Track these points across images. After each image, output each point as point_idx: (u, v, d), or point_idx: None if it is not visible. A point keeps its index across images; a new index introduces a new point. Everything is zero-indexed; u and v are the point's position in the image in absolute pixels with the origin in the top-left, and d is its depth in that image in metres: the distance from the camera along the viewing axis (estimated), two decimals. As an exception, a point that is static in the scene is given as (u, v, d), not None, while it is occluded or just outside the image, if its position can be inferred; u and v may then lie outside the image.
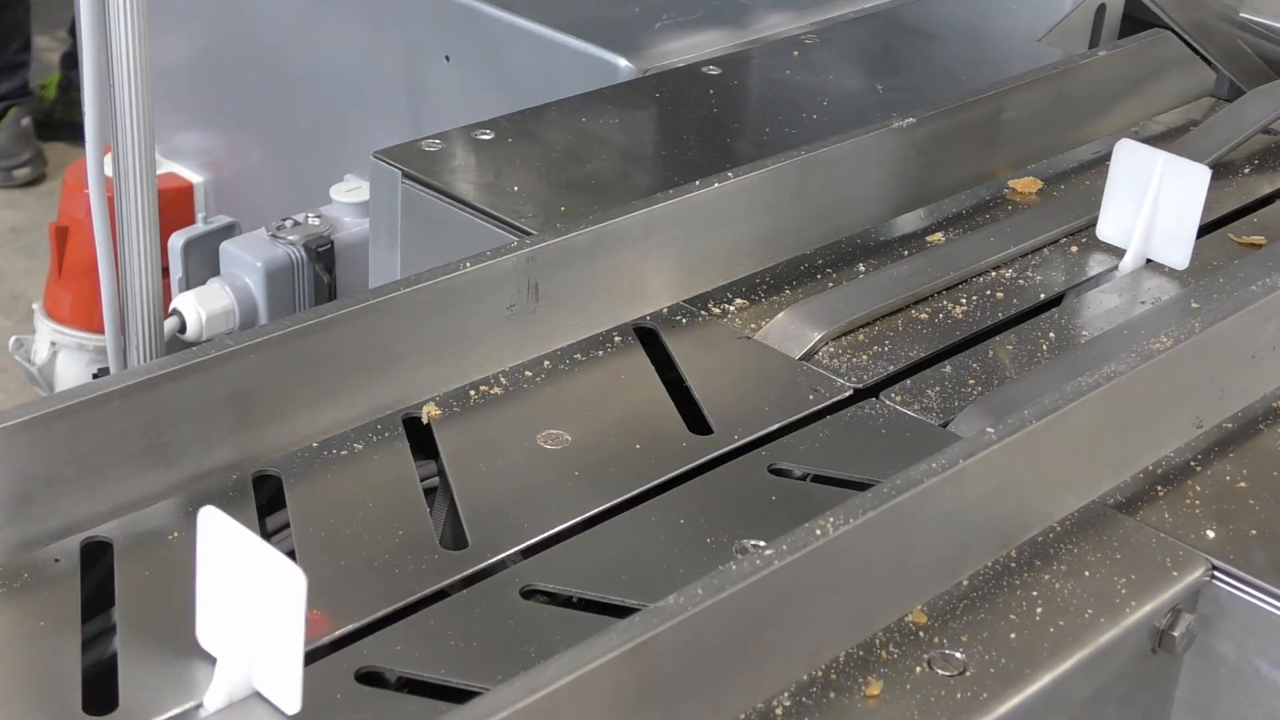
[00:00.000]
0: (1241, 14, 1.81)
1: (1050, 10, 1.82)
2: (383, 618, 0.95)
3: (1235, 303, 1.13)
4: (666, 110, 1.59)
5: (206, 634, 0.90)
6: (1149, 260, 1.38)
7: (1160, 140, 1.64)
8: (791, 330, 1.24)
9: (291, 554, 1.00)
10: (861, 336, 1.26)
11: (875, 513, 0.90)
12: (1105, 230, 1.39)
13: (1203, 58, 1.76)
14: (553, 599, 0.98)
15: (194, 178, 2.26)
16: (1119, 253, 1.39)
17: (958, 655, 0.92)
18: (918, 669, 0.91)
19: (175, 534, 1.01)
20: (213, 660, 0.89)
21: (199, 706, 0.88)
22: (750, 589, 0.84)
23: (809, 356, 1.23)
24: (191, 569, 0.89)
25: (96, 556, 0.99)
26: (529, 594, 0.97)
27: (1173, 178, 1.33)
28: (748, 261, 1.33)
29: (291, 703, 0.86)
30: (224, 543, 0.87)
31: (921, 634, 0.94)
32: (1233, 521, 1.05)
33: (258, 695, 0.88)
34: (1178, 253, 1.35)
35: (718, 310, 1.28)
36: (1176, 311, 1.29)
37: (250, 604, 0.85)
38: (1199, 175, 1.31)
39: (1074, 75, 1.63)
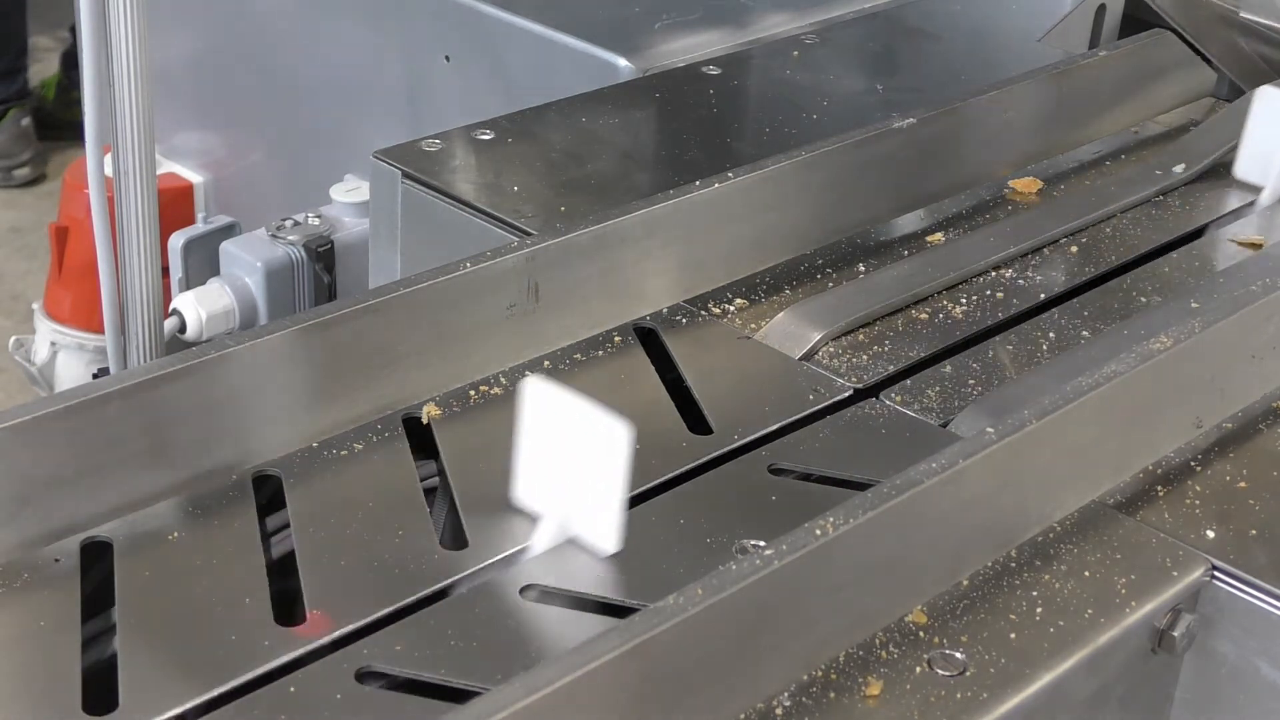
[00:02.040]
0: (1241, 14, 1.81)
1: (1050, 10, 1.82)
2: (383, 618, 0.95)
3: (1235, 303, 1.13)
4: (666, 110, 1.59)
5: (526, 492, 1.03)
6: None
7: (1160, 141, 1.65)
8: (791, 330, 1.24)
9: (291, 555, 1.00)
10: (861, 336, 1.26)
11: (875, 513, 0.90)
12: (1243, 169, 1.54)
13: (1203, 58, 1.76)
14: (552, 599, 0.98)
15: (194, 178, 2.26)
16: (1255, 190, 1.52)
17: (958, 655, 0.92)
18: (918, 669, 0.91)
19: (175, 534, 1.01)
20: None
21: (524, 549, 1.01)
22: (750, 589, 0.84)
23: (809, 356, 1.23)
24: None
25: (96, 556, 0.99)
26: (529, 594, 0.97)
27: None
28: (748, 261, 1.33)
29: (610, 544, 1.00)
30: (546, 409, 1.01)
31: (921, 634, 0.94)
32: (1233, 521, 1.05)
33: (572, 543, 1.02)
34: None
35: (718, 310, 1.28)
36: (1177, 311, 1.29)
37: (572, 460, 1.00)
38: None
39: (1074, 75, 1.63)
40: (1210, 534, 1.04)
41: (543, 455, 1.03)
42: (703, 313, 1.28)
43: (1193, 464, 1.11)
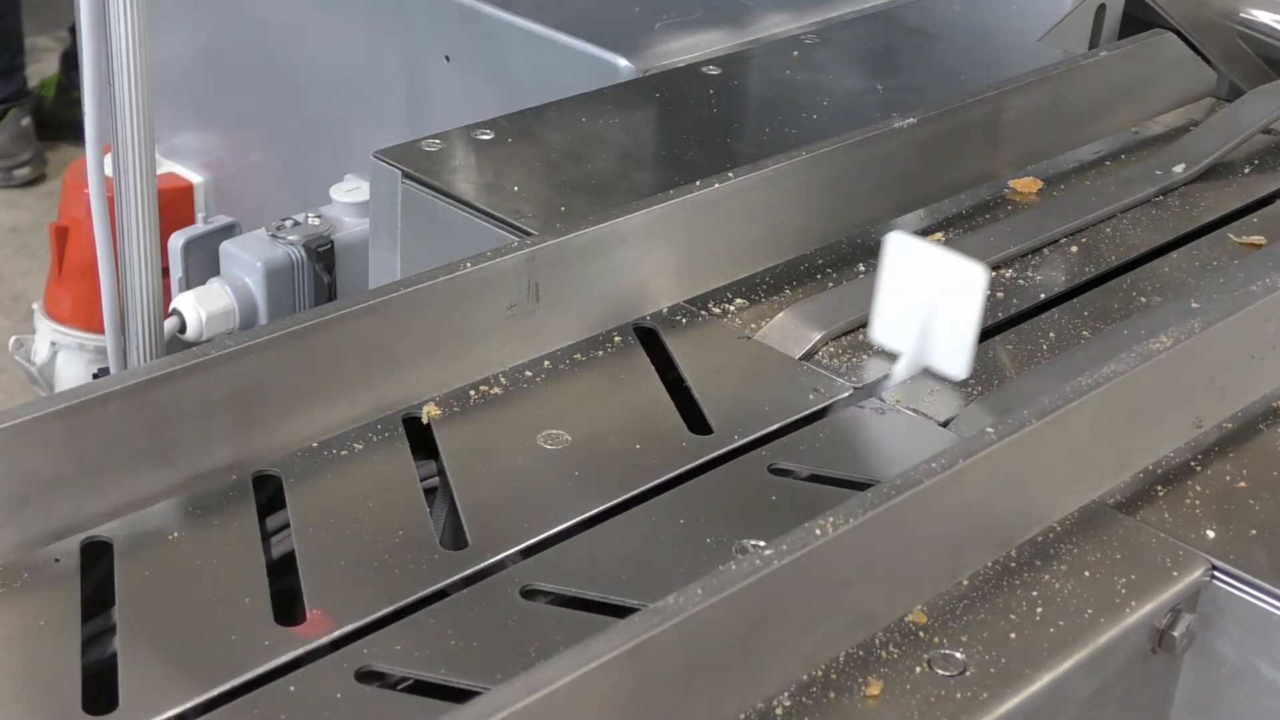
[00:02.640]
0: (1241, 14, 1.81)
1: (1050, 10, 1.82)
2: (383, 618, 0.95)
3: (1235, 303, 1.13)
4: (666, 110, 1.59)
5: (884, 331, 1.17)
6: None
7: (1160, 141, 1.65)
8: (791, 330, 1.24)
9: (291, 555, 1.00)
10: (861, 336, 1.26)
11: (875, 513, 0.90)
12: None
13: (1203, 58, 1.76)
14: (553, 599, 0.98)
15: (194, 178, 2.26)
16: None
17: (958, 655, 0.92)
18: (918, 669, 0.91)
19: (175, 534, 1.01)
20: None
21: (885, 378, 1.17)
22: (750, 589, 0.84)
23: (809, 356, 1.23)
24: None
25: (96, 556, 0.99)
26: (529, 594, 0.97)
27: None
28: (748, 261, 1.33)
29: (961, 370, 1.13)
30: (910, 255, 1.14)
31: (921, 634, 0.94)
32: (1233, 521, 1.05)
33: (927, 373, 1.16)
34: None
35: (718, 310, 1.28)
36: (1177, 311, 1.29)
37: (933, 298, 1.12)
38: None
39: (1074, 75, 1.63)
40: (1210, 534, 1.04)
41: (901, 297, 1.15)
42: (703, 313, 1.28)
43: (1193, 464, 1.11)
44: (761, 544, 1.00)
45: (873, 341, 1.20)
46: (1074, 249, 1.42)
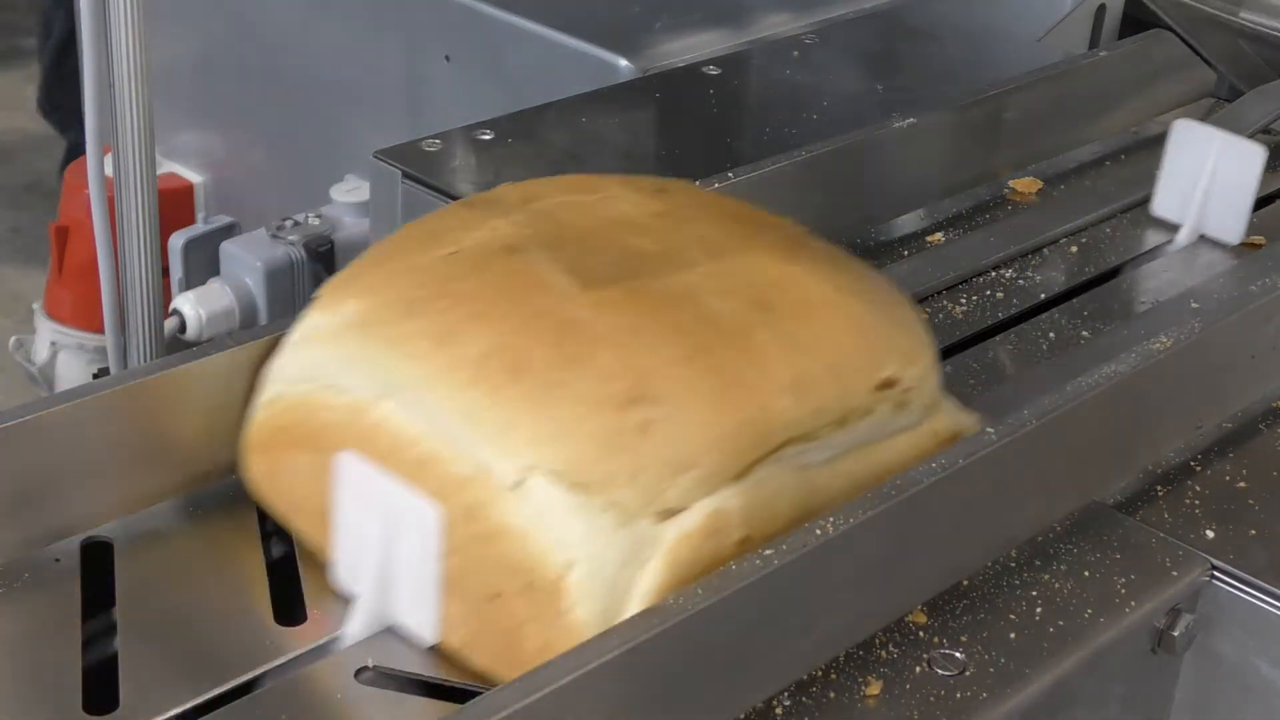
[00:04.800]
0: (1241, 14, 1.81)
1: (1050, 10, 1.82)
2: (382, 618, 0.94)
3: (1235, 303, 1.13)
4: (666, 110, 1.59)
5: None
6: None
7: (1160, 141, 1.65)
8: (791, 330, 1.24)
9: (291, 555, 1.00)
10: (861, 336, 1.26)
11: (875, 512, 0.90)
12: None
13: (1203, 58, 1.76)
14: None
15: (194, 178, 2.26)
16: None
17: (958, 655, 0.92)
18: (918, 669, 0.91)
19: (175, 534, 1.01)
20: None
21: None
22: (750, 589, 0.84)
23: (809, 356, 1.23)
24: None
25: (96, 556, 0.99)
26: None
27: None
28: (748, 261, 1.33)
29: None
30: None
31: (921, 634, 0.94)
32: (1233, 521, 1.05)
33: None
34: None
35: (718, 310, 1.28)
36: (1176, 311, 1.29)
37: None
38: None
39: (1074, 75, 1.63)
40: (1210, 534, 1.04)
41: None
42: (703, 313, 1.27)
43: (1193, 464, 1.11)
44: (761, 544, 1.00)
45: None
46: (1074, 249, 1.42)
